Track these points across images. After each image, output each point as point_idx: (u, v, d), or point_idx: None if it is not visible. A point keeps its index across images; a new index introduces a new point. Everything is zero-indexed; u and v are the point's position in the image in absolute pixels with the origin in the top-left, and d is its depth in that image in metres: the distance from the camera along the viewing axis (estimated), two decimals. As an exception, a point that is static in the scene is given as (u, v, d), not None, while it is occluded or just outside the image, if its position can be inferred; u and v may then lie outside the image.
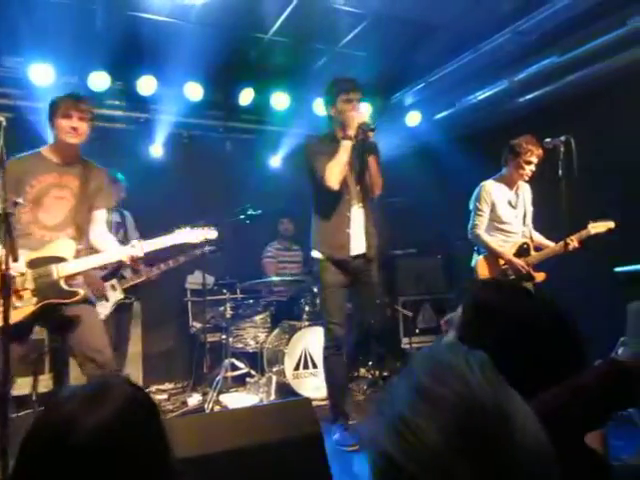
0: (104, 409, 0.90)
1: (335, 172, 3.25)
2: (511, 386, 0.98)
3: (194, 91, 5.21)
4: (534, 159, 3.84)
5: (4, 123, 2.38)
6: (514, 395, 0.66)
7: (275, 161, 6.31)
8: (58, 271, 2.72)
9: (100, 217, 3.04)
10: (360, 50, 5.14)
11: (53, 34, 4.35)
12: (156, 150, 5.62)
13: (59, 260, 2.75)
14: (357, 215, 3.43)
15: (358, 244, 3.42)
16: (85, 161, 3.02)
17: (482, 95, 5.26)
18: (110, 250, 2.90)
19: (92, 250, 2.96)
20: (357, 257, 3.42)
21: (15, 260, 2.28)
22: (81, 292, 2.77)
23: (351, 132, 3.23)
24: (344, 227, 3.39)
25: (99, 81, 4.86)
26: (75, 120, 2.86)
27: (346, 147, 3.25)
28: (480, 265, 3.99)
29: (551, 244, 4.00)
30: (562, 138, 3.55)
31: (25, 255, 2.69)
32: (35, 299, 2.68)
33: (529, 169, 3.89)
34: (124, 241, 4.16)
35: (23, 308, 2.65)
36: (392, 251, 6.02)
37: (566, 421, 0.91)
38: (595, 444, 0.99)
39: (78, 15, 4.31)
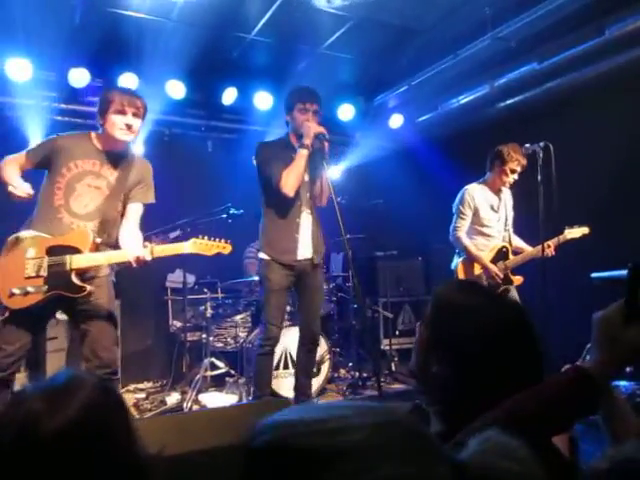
0: (70, 406, 0.88)
1: (292, 180, 3.32)
2: (472, 388, 0.99)
3: (176, 89, 5.18)
4: (518, 168, 3.91)
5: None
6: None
7: (255, 164, 6.29)
8: (71, 262, 2.65)
9: (134, 211, 2.93)
10: (344, 52, 5.16)
11: (31, 29, 4.29)
12: (137, 148, 5.56)
13: (75, 251, 2.67)
14: (306, 221, 3.52)
15: (305, 249, 3.50)
16: (130, 153, 2.98)
17: (464, 99, 5.31)
18: (124, 249, 2.78)
19: (116, 245, 2.88)
20: (302, 261, 3.50)
21: None
22: (87, 288, 2.69)
23: (308, 141, 3.31)
24: (293, 232, 3.47)
25: (78, 77, 4.81)
26: (130, 117, 2.78)
27: (303, 156, 3.33)
28: (460, 269, 4.07)
29: (529, 248, 4.07)
30: (541, 144, 3.63)
31: (42, 242, 2.68)
32: (45, 287, 2.62)
33: (512, 177, 3.97)
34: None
35: (33, 295, 2.61)
36: (373, 252, 6.06)
37: (531, 426, 0.93)
38: (562, 448, 1.01)
39: (57, 10, 4.25)
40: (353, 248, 5.13)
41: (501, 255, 4.06)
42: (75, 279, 2.66)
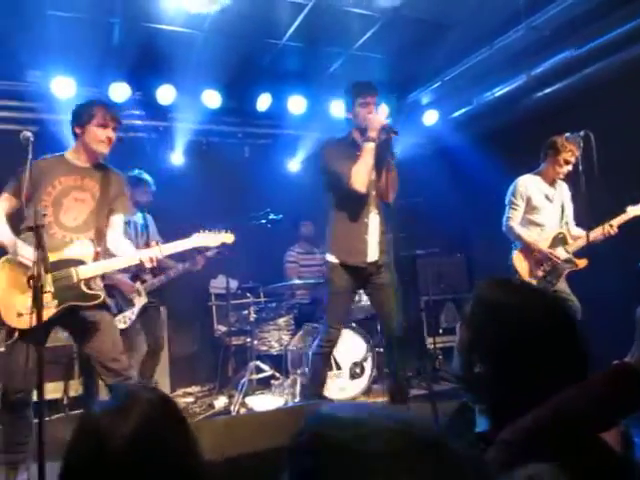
0: (132, 420, 0.95)
1: (361, 175, 3.20)
2: (515, 387, 0.99)
3: (212, 98, 5.28)
4: (572, 159, 3.83)
5: (32, 138, 2.44)
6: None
7: (293, 165, 6.35)
8: (78, 274, 2.73)
9: (117, 222, 3.03)
10: (375, 52, 5.16)
11: (74, 48, 4.46)
12: (176, 158, 5.71)
13: (78, 263, 2.76)
14: (374, 221, 3.42)
15: (373, 251, 3.41)
16: (105, 166, 3.04)
17: (499, 91, 5.22)
18: (128, 253, 2.90)
19: (109, 254, 2.96)
20: (372, 262, 3.42)
21: (47, 272, 2.30)
22: (101, 295, 2.78)
23: (373, 134, 3.19)
24: (362, 233, 3.38)
25: (119, 92, 4.96)
26: (110, 130, 2.89)
27: (370, 149, 3.20)
28: (516, 259, 4.01)
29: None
30: (581, 133, 3.55)
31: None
32: (55, 302, 2.68)
33: (566, 168, 3.89)
34: (147, 243, 4.25)
35: (45, 310, 2.67)
36: (414, 251, 6.02)
37: (577, 423, 0.92)
38: (613, 443, 1.00)
39: (97, 29, 4.42)
40: (394, 247, 5.16)
41: (558, 241, 3.99)
42: (86, 289, 2.75)
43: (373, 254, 3.41)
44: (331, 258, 3.44)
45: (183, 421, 1.04)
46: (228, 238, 3.17)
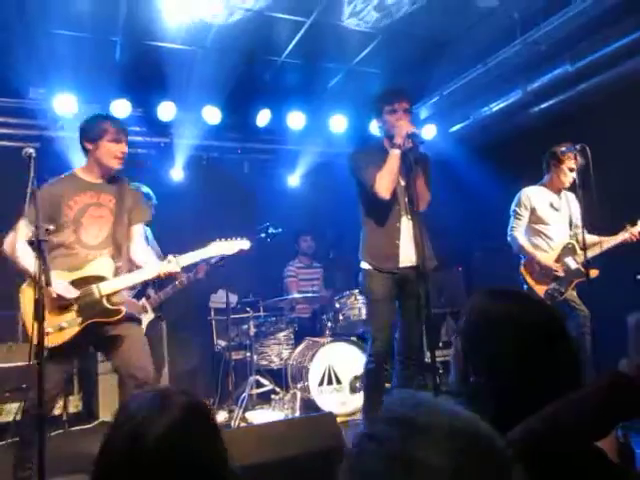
0: (167, 419, 0.98)
1: (385, 181, 3.16)
2: (509, 397, 1.00)
3: (212, 114, 5.34)
4: (574, 166, 3.85)
5: (34, 154, 2.46)
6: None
7: (293, 180, 6.39)
8: (100, 290, 2.74)
9: (139, 232, 3.03)
10: (373, 67, 5.22)
11: (75, 65, 4.52)
12: (177, 173, 5.75)
13: (99, 279, 2.77)
14: (406, 226, 3.31)
15: (407, 256, 3.29)
16: (118, 178, 3.02)
17: (496, 106, 5.28)
18: (148, 267, 2.88)
19: (131, 267, 2.96)
20: (405, 268, 3.29)
21: (48, 284, 2.31)
22: (124, 309, 2.79)
23: (399, 140, 3.14)
24: (394, 238, 3.29)
25: (120, 108, 5.01)
26: (124, 145, 2.88)
27: (395, 156, 3.17)
28: (524, 270, 4.02)
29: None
30: (577, 146, 3.57)
31: (66, 276, 2.74)
32: (80, 319, 2.71)
33: (571, 176, 3.90)
34: None
35: (69, 329, 2.70)
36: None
37: (572, 431, 0.93)
38: (609, 452, 1.00)
39: (98, 46, 4.48)
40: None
41: (568, 251, 3.98)
42: (108, 304, 2.77)
43: (407, 259, 3.29)
44: (365, 265, 3.36)
45: (215, 427, 1.07)
46: (244, 244, 3.16)
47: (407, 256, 3.29)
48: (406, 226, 3.31)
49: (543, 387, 1.02)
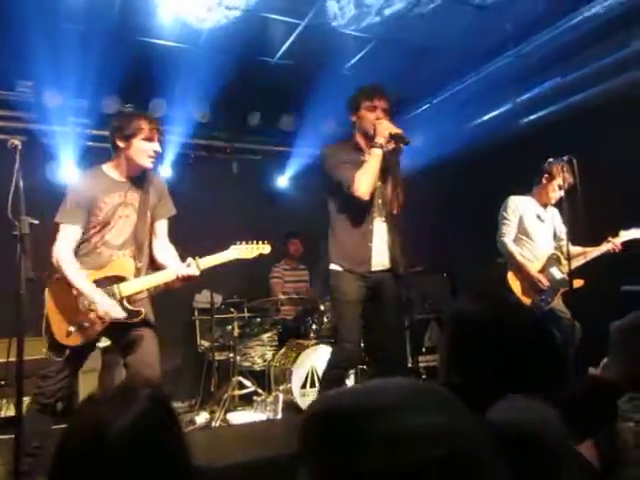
0: (131, 411, 0.96)
1: (366, 182, 3.02)
2: (492, 398, 1.01)
3: (202, 113, 5.31)
4: (563, 184, 3.90)
5: (20, 147, 2.44)
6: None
7: (282, 181, 6.38)
8: (120, 291, 2.72)
9: (162, 228, 3.00)
10: (365, 72, 5.22)
11: (66, 59, 4.47)
12: (165, 171, 5.71)
13: (120, 279, 2.75)
14: (379, 229, 3.21)
15: (380, 259, 3.19)
16: (143, 174, 2.92)
17: (486, 116, 5.33)
18: (169, 268, 2.84)
19: (151, 265, 2.94)
20: (378, 272, 3.19)
21: (32, 280, 2.29)
22: (142, 311, 2.77)
23: (382, 140, 3.03)
24: (367, 241, 3.16)
25: (110, 104, 4.97)
26: (157, 143, 2.81)
27: (377, 156, 3.03)
28: (511, 278, 4.04)
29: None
30: (565, 158, 3.61)
31: (89, 275, 2.72)
32: (100, 320, 2.69)
33: (559, 194, 3.96)
34: None
35: (90, 328, 2.68)
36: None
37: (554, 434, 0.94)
38: (589, 457, 1.01)
39: (90, 40, 4.43)
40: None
41: (553, 262, 4.04)
42: (128, 305, 2.74)
43: (380, 262, 3.19)
44: (335, 267, 3.22)
45: (177, 422, 1.06)
46: (264, 249, 3.12)
47: (380, 259, 3.19)
48: (379, 228, 3.21)
49: (524, 387, 1.03)
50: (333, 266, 3.23)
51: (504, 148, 5.26)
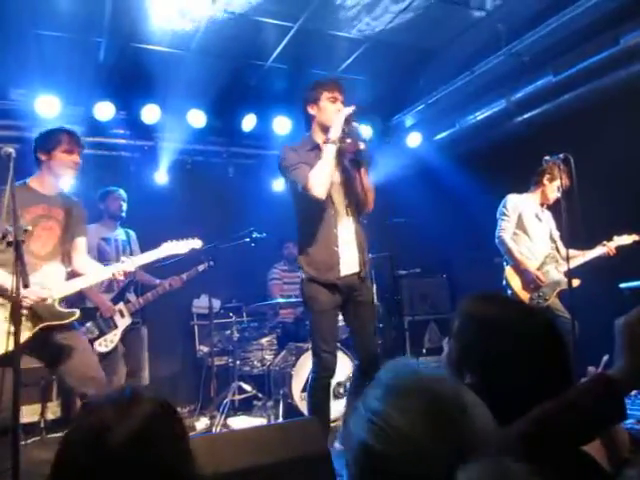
0: (135, 417, 0.95)
1: (319, 179, 2.84)
2: (501, 398, 1.01)
3: (197, 118, 5.30)
4: (560, 185, 3.92)
5: (14, 154, 2.44)
6: (470, 392, 0.80)
7: (278, 185, 6.38)
8: (52, 294, 2.76)
9: (82, 244, 3.15)
10: (359, 74, 5.25)
11: (59, 66, 4.47)
12: (161, 177, 5.71)
13: (52, 284, 2.81)
14: (345, 231, 3.06)
15: (349, 263, 3.05)
16: (65, 194, 3.14)
17: (481, 115, 5.33)
18: (100, 268, 3.02)
19: (76, 275, 3.05)
20: (347, 276, 3.05)
21: (26, 286, 2.30)
22: (77, 312, 2.83)
23: (334, 136, 2.87)
24: (332, 245, 3.01)
25: (104, 111, 4.96)
26: (76, 155, 2.98)
27: (330, 151, 2.86)
28: (509, 274, 4.05)
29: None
30: (561, 156, 3.62)
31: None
32: (30, 324, 2.70)
33: (556, 194, 4.00)
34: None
35: (22, 334, 2.60)
36: (397, 271, 6.05)
37: (559, 434, 0.93)
38: (598, 457, 1.01)
39: (83, 47, 4.44)
40: (376, 267, 5.17)
41: (550, 260, 4.06)
42: (61, 308, 2.82)
43: (348, 267, 3.05)
44: (304, 275, 3.09)
45: (183, 426, 1.05)
46: (196, 244, 3.36)
47: (348, 264, 3.05)
48: (345, 230, 3.07)
49: (533, 389, 1.02)
50: (303, 274, 3.10)
51: (499, 147, 5.27)
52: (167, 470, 0.95)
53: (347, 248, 3.06)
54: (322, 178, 2.86)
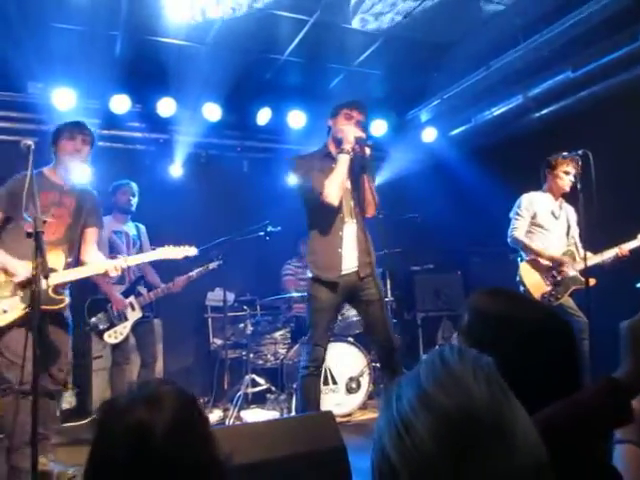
0: (166, 411, 0.94)
1: (334, 188, 3.12)
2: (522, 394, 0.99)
3: (212, 112, 5.31)
4: (570, 169, 3.89)
5: (33, 146, 2.47)
6: (518, 409, 0.68)
7: (293, 179, 6.37)
8: (47, 280, 2.79)
9: (92, 235, 3.24)
10: (375, 68, 5.22)
11: (75, 60, 4.49)
12: (175, 170, 5.73)
13: (50, 270, 2.79)
14: (350, 234, 3.29)
15: (349, 263, 3.26)
16: (80, 185, 3.25)
17: (497, 111, 5.29)
18: (95, 263, 3.12)
19: (81, 264, 3.16)
20: (347, 275, 3.25)
21: (46, 277, 2.36)
22: (66, 300, 2.98)
23: (348, 146, 3.14)
24: (336, 247, 3.25)
25: (120, 104, 4.99)
26: (78, 142, 3.10)
27: (344, 161, 3.14)
28: (524, 270, 4.01)
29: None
30: (579, 152, 3.58)
31: (26, 263, 2.80)
32: (23, 305, 2.82)
33: (568, 179, 3.95)
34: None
35: (11, 313, 2.82)
36: (410, 267, 6.04)
37: (566, 434, 0.92)
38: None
39: (99, 41, 4.46)
40: (390, 263, 5.16)
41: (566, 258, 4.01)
42: (53, 294, 2.92)
43: (350, 267, 3.25)
44: (309, 274, 3.35)
45: (206, 416, 1.04)
46: (191, 251, 3.48)
47: (349, 263, 3.26)
48: (350, 232, 3.28)
49: (541, 388, 1.01)
50: (309, 273, 3.36)
51: (516, 142, 5.22)
52: (204, 461, 0.95)
53: (349, 249, 3.27)
54: (336, 188, 3.13)
